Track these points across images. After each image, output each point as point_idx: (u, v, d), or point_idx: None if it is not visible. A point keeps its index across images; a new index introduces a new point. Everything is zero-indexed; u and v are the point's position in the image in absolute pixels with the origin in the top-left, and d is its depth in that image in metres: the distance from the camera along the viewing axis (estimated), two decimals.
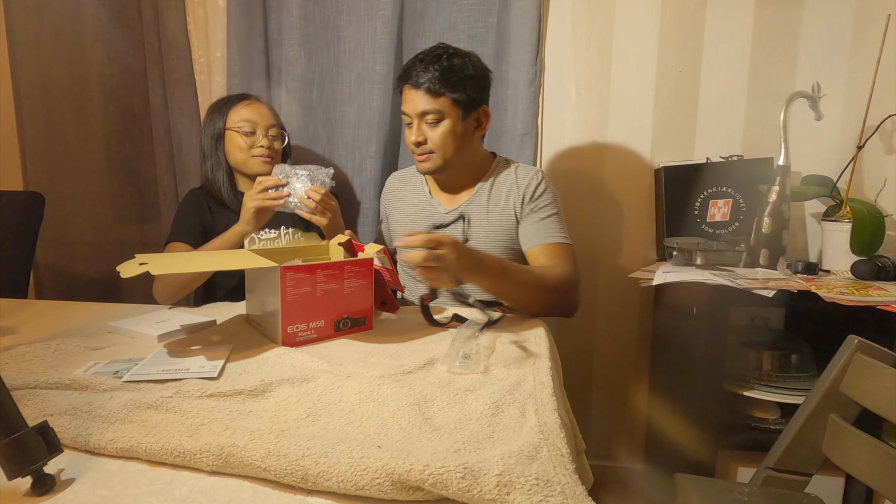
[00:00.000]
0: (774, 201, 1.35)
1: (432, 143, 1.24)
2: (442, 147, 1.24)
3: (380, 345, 0.96)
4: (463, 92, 1.22)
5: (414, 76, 1.22)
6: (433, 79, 1.20)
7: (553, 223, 1.28)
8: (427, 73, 1.20)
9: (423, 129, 1.24)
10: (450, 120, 1.23)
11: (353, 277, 0.98)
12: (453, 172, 1.31)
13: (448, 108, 1.22)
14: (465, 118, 1.24)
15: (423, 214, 1.36)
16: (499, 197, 1.31)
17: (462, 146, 1.26)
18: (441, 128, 1.23)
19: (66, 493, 0.55)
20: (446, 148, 1.24)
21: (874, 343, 0.82)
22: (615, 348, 1.75)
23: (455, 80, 1.21)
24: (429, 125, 1.24)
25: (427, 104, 1.22)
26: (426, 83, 1.20)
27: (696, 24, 1.57)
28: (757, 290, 1.15)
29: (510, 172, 1.33)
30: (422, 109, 1.22)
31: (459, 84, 1.21)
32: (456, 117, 1.23)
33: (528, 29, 1.57)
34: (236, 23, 1.68)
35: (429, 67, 1.20)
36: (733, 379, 1.30)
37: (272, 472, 0.56)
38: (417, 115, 1.23)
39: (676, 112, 1.61)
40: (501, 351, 0.92)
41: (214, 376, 0.79)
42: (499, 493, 0.51)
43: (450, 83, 1.20)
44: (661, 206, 1.56)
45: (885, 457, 0.75)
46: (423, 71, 1.21)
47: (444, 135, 1.23)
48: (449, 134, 1.23)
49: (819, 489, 0.96)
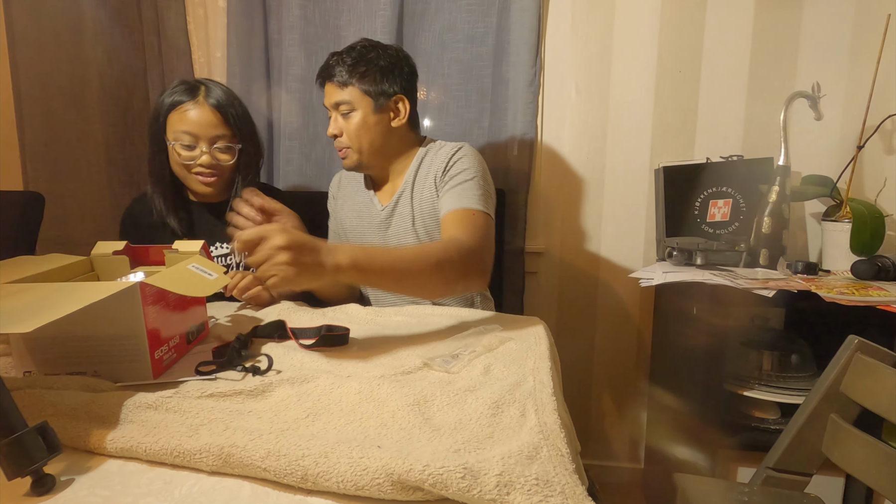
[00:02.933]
0: (774, 201, 1.35)
1: (347, 134, 1.24)
2: (356, 138, 1.24)
3: (380, 345, 0.96)
4: (372, 82, 1.22)
5: (327, 70, 1.24)
6: (342, 70, 1.22)
7: (466, 189, 1.19)
8: (338, 66, 1.22)
9: (338, 122, 1.25)
10: (360, 110, 1.23)
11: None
12: (378, 166, 1.30)
13: (357, 99, 1.22)
14: (379, 108, 1.23)
15: (365, 211, 1.35)
16: (423, 181, 1.27)
17: (376, 138, 1.25)
18: (353, 118, 1.23)
19: (65, 493, 0.55)
20: (360, 139, 1.24)
21: (874, 343, 0.82)
22: (615, 348, 1.75)
23: (363, 70, 1.21)
24: (343, 116, 1.24)
25: (337, 95, 1.23)
26: (336, 75, 1.22)
27: (696, 24, 1.57)
28: (757, 290, 1.15)
29: (434, 154, 1.28)
30: (334, 101, 1.23)
31: (368, 74, 1.22)
32: (367, 108, 1.23)
33: (528, 29, 1.57)
34: (236, 23, 1.68)
35: (340, 60, 1.23)
36: (733, 379, 1.30)
37: (272, 472, 0.56)
38: (332, 107, 1.25)
39: (676, 112, 1.61)
40: (501, 351, 0.92)
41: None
42: (499, 493, 0.51)
43: (357, 73, 1.21)
44: (661, 206, 1.56)
45: (885, 457, 0.75)
46: (335, 64, 1.23)
47: (357, 126, 1.23)
48: (361, 125, 1.23)
49: (819, 489, 0.96)
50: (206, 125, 1.22)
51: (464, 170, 1.21)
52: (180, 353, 0.87)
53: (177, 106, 1.22)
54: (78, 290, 0.70)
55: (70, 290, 0.70)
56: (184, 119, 1.21)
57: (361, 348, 0.94)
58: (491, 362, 0.85)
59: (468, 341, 0.93)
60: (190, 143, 1.22)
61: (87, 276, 0.96)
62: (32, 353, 0.77)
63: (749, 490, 0.92)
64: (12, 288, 0.72)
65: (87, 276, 0.96)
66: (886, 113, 1.42)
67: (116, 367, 0.77)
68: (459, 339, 0.94)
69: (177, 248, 0.96)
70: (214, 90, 1.26)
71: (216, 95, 1.25)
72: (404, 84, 1.26)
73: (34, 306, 0.64)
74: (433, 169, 1.26)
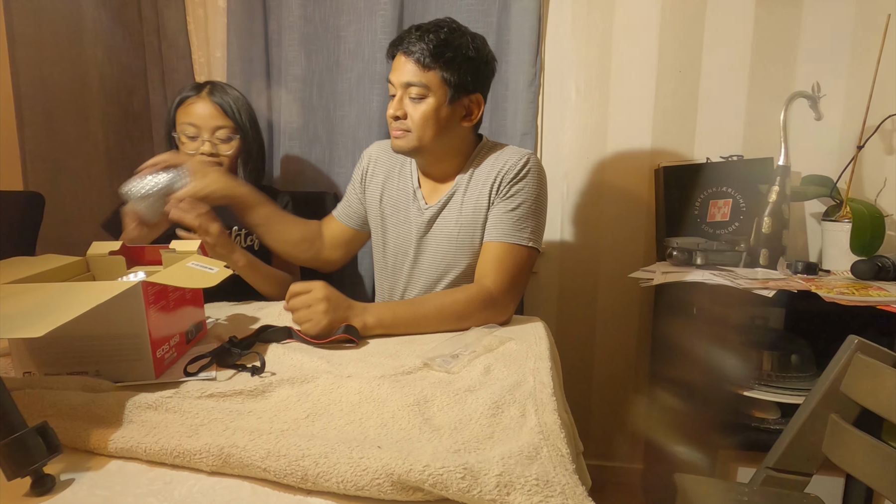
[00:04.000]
0: (774, 201, 1.35)
1: (411, 120, 1.12)
2: (421, 127, 1.12)
3: (380, 345, 0.96)
4: (455, 72, 1.10)
5: (406, 43, 1.10)
6: (425, 50, 1.08)
7: (519, 219, 1.13)
8: (421, 42, 1.09)
9: (404, 103, 1.13)
10: (434, 99, 1.11)
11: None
12: (431, 159, 1.19)
13: (435, 85, 1.10)
14: (453, 102, 1.12)
15: (406, 205, 1.25)
16: (476, 187, 1.17)
17: (443, 132, 1.14)
18: (423, 106, 1.11)
19: (65, 493, 0.55)
20: (425, 129, 1.12)
21: (874, 343, 0.82)
22: (615, 348, 1.75)
23: (450, 56, 1.09)
24: (412, 100, 1.12)
25: (413, 75, 1.10)
26: (417, 53, 1.09)
27: (696, 24, 1.57)
28: (757, 290, 1.15)
29: (494, 156, 1.18)
30: (407, 80, 1.11)
31: (453, 62, 1.10)
32: (442, 97, 1.11)
33: (528, 29, 1.57)
34: (236, 23, 1.68)
35: (424, 37, 1.09)
36: (733, 379, 1.30)
37: (272, 473, 0.56)
38: (402, 86, 1.12)
39: (676, 112, 1.61)
40: (501, 351, 0.92)
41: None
42: (499, 493, 0.51)
43: (443, 58, 1.09)
44: (661, 206, 1.56)
45: (885, 457, 0.75)
46: (417, 39, 1.09)
47: (426, 114, 1.11)
48: (431, 114, 1.11)
49: (819, 489, 0.96)
50: (207, 117, 1.31)
51: (523, 191, 1.14)
52: (180, 353, 0.87)
53: (183, 101, 1.33)
54: (83, 290, 0.70)
55: (74, 291, 0.70)
56: (187, 112, 1.31)
57: (361, 348, 0.94)
58: (491, 362, 0.85)
59: (468, 341, 0.93)
60: (193, 134, 1.31)
61: (83, 276, 0.96)
62: (32, 354, 0.77)
63: (749, 490, 0.92)
64: (13, 289, 0.72)
65: (84, 276, 0.96)
66: (886, 113, 1.42)
67: (118, 366, 0.77)
68: (459, 340, 0.94)
69: (174, 248, 0.97)
70: (218, 87, 1.35)
71: (219, 91, 1.34)
72: (484, 82, 1.17)
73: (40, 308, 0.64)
74: (493, 173, 1.16)
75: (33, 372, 0.77)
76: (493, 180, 1.15)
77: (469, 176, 1.19)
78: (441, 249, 1.21)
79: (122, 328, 0.76)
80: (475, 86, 1.15)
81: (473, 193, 1.18)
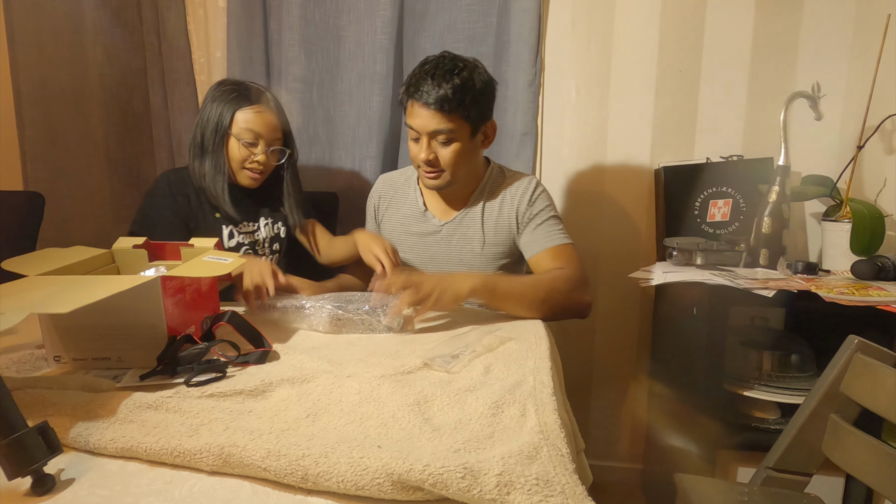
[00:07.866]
0: (774, 201, 1.35)
1: (443, 161, 1.19)
2: (453, 165, 1.20)
3: (380, 345, 0.96)
4: (474, 108, 1.17)
5: (424, 93, 1.14)
6: (445, 98, 1.13)
7: (551, 226, 1.26)
8: (439, 90, 1.13)
9: (433, 147, 1.19)
10: (461, 138, 1.18)
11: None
12: (456, 187, 1.28)
13: (460, 127, 1.17)
14: (475, 135, 1.21)
15: (416, 225, 1.34)
16: (493, 208, 1.29)
17: (469, 163, 1.24)
18: (452, 147, 1.18)
19: (66, 493, 0.55)
20: (457, 167, 1.21)
21: (874, 343, 0.82)
22: (615, 348, 1.75)
23: (468, 99, 1.15)
24: (440, 144, 1.18)
25: (439, 123, 1.15)
26: (438, 103, 1.13)
27: (696, 24, 1.57)
28: (757, 290, 1.15)
29: (504, 182, 1.31)
30: (433, 129, 1.16)
31: (472, 102, 1.16)
32: (467, 135, 1.19)
33: (528, 29, 1.57)
34: (236, 23, 1.68)
35: (440, 85, 1.13)
36: (733, 379, 1.30)
37: (272, 472, 0.56)
38: (427, 134, 1.17)
39: (676, 112, 1.61)
40: (502, 351, 0.92)
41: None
42: (499, 493, 0.51)
43: (463, 103, 1.15)
44: (661, 206, 1.56)
45: (885, 457, 0.75)
46: (433, 88, 1.13)
47: (456, 154, 1.19)
48: (460, 153, 1.19)
49: (819, 489, 0.96)
50: (270, 128, 1.31)
51: (544, 207, 1.28)
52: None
53: (244, 106, 1.29)
54: (106, 281, 0.77)
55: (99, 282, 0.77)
56: (251, 119, 1.29)
57: (362, 348, 0.94)
58: (491, 362, 0.85)
59: (468, 341, 0.93)
60: (252, 141, 1.30)
61: (108, 267, 1.02)
62: (63, 340, 0.84)
63: (749, 490, 0.92)
64: (45, 280, 0.81)
65: (109, 267, 1.02)
66: (886, 113, 1.42)
67: (138, 353, 0.82)
68: (460, 339, 0.94)
69: (192, 244, 1.02)
70: (273, 97, 1.35)
71: (276, 103, 1.35)
72: (492, 106, 1.25)
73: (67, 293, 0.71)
74: (511, 201, 1.28)
75: (63, 357, 0.84)
76: (511, 205, 1.28)
77: (485, 195, 1.31)
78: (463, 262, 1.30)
79: (141, 318, 0.83)
80: (489, 113, 1.24)
81: (492, 211, 1.30)
